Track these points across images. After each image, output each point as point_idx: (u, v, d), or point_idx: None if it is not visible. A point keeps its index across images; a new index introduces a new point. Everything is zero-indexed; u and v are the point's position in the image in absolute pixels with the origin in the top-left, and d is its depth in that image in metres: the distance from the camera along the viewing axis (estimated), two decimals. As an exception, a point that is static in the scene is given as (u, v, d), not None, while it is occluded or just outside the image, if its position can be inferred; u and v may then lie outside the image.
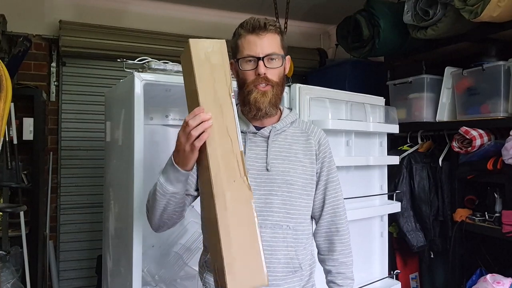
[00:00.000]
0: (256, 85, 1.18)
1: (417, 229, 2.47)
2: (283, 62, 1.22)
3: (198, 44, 1.02)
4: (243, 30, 1.20)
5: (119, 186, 1.90)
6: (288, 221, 1.19)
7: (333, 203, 1.29)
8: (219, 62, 1.03)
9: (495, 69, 2.16)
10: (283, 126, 1.26)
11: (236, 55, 1.22)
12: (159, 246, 2.23)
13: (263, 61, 1.17)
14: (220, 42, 1.04)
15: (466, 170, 2.27)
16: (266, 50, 1.17)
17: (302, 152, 1.25)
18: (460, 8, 2.03)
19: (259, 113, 1.20)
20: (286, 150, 1.24)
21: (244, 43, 1.19)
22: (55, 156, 3.09)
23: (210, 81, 1.01)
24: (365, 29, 2.58)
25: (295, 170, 1.22)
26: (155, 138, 2.24)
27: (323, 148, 1.29)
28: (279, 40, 1.21)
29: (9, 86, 1.50)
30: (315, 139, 1.28)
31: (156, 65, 1.71)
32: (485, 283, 1.97)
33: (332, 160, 1.31)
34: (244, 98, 1.22)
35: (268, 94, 1.19)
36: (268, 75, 1.18)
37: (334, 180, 1.30)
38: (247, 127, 1.25)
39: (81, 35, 2.96)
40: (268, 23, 1.18)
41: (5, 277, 2.36)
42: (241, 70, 1.20)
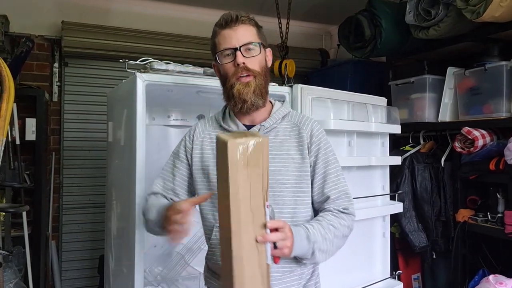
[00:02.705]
0: (238, 77, 1.17)
1: (419, 229, 2.46)
2: (261, 51, 1.20)
3: (237, 146, 0.93)
4: (217, 27, 1.21)
5: (121, 186, 1.90)
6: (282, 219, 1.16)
7: (334, 195, 1.21)
8: (258, 163, 0.96)
9: (497, 69, 2.16)
10: (273, 122, 1.23)
11: (215, 53, 1.22)
12: (161, 246, 2.23)
13: (240, 51, 1.16)
14: (261, 141, 0.96)
15: (469, 170, 2.27)
16: (241, 40, 1.17)
17: (294, 148, 1.21)
18: (462, 8, 2.03)
19: (245, 105, 1.17)
20: (277, 148, 1.20)
21: (220, 38, 1.19)
22: (58, 156, 3.10)
23: (245, 187, 0.94)
24: (366, 29, 2.58)
25: (287, 168, 1.19)
26: (157, 138, 2.24)
27: (316, 140, 1.22)
28: (255, 31, 1.21)
29: (12, 86, 1.50)
30: (307, 131, 1.23)
31: (158, 66, 1.71)
32: (487, 284, 1.96)
33: (329, 152, 1.24)
34: (228, 93, 1.20)
35: (251, 84, 1.17)
36: (248, 65, 1.16)
37: (333, 172, 1.22)
38: (236, 126, 1.24)
39: (84, 36, 2.97)
40: (240, 15, 1.18)
41: (8, 276, 2.36)
42: (221, 64, 1.20)
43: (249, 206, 0.95)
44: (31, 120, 2.74)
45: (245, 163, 0.94)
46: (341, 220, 1.18)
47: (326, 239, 1.12)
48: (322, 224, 1.14)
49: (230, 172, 0.93)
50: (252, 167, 0.95)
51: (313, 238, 1.09)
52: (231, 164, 0.93)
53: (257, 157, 0.95)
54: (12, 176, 2.58)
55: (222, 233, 1.02)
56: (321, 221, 1.15)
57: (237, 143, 0.93)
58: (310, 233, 1.09)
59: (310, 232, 1.09)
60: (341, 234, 1.17)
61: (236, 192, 0.93)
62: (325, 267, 1.36)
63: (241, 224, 0.94)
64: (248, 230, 0.95)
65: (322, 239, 1.11)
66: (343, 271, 2.02)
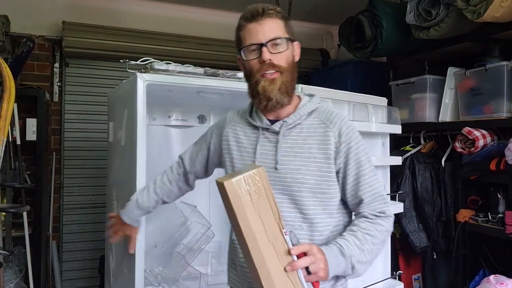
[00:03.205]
0: (263, 73, 1.11)
1: (420, 229, 2.46)
2: (288, 46, 1.14)
3: (234, 184, 0.93)
4: (243, 21, 1.15)
5: (122, 186, 1.90)
6: (301, 221, 1.12)
7: (369, 198, 1.13)
8: (261, 194, 0.95)
9: (498, 69, 2.16)
10: (297, 118, 1.16)
11: (240, 46, 1.17)
12: (162, 246, 2.23)
13: (267, 46, 1.11)
14: (257, 173, 0.95)
15: (469, 170, 2.26)
16: (268, 35, 1.11)
17: (317, 147, 1.14)
18: (462, 9, 2.02)
19: (270, 103, 1.12)
20: (299, 145, 1.15)
21: (245, 33, 1.14)
22: (58, 157, 3.10)
23: (257, 222, 0.93)
24: (367, 30, 2.58)
25: (307, 167, 1.13)
26: (158, 138, 2.24)
27: (346, 139, 1.14)
28: (282, 25, 1.15)
29: (12, 86, 1.50)
30: (335, 130, 1.15)
31: (159, 66, 1.71)
32: (488, 284, 1.96)
33: (360, 152, 1.15)
34: (252, 89, 1.15)
35: (276, 82, 1.11)
36: (274, 61, 1.11)
37: (366, 173, 1.14)
38: (260, 121, 1.20)
39: (84, 36, 2.97)
40: (267, 8, 1.13)
41: (8, 277, 2.36)
42: (246, 60, 1.15)
43: (267, 239, 0.93)
44: (32, 120, 2.75)
45: (248, 198, 0.93)
46: (377, 226, 1.12)
47: (363, 250, 1.07)
48: (357, 235, 1.08)
49: (237, 211, 0.92)
50: (256, 199, 0.94)
51: (348, 253, 1.04)
52: (234, 203, 0.92)
53: (258, 188, 0.94)
54: (12, 176, 2.58)
55: (250, 271, 1.00)
56: (356, 231, 1.09)
57: (233, 181, 0.93)
58: (344, 247, 1.04)
59: (344, 247, 1.04)
60: (379, 240, 1.12)
61: (249, 231, 0.92)
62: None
63: (265, 260, 0.92)
64: (274, 263, 0.92)
65: (360, 251, 1.06)
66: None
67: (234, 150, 1.24)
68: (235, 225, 0.96)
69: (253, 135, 1.22)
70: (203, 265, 2.28)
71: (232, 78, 1.87)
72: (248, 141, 1.22)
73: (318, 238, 1.13)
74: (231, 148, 1.25)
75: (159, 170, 1.46)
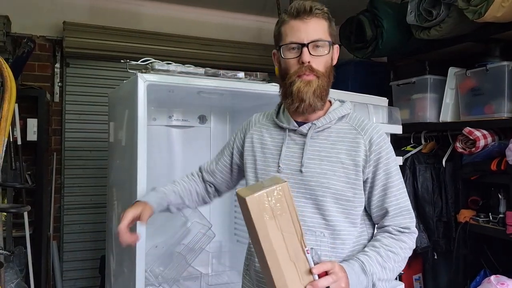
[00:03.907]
0: (300, 74, 1.08)
1: (420, 230, 2.46)
2: (330, 50, 1.10)
3: (256, 199, 0.89)
4: (287, 16, 1.10)
5: (123, 187, 1.90)
6: (323, 227, 1.08)
7: (394, 211, 1.10)
8: (284, 210, 0.90)
9: (499, 70, 2.16)
10: (326, 122, 1.13)
11: (279, 42, 1.12)
12: (162, 247, 2.23)
13: (308, 48, 1.06)
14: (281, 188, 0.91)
15: (470, 170, 2.26)
16: (311, 36, 1.07)
17: (345, 152, 1.10)
18: (463, 9, 2.02)
19: (302, 104, 1.08)
20: (327, 149, 1.11)
21: (288, 29, 1.09)
22: (59, 157, 3.10)
23: (278, 238, 0.89)
24: (368, 30, 2.58)
25: (333, 172, 1.09)
26: (158, 138, 2.25)
27: (377, 148, 1.10)
28: (327, 26, 1.11)
29: (13, 87, 1.50)
30: (366, 138, 1.10)
31: (160, 66, 1.71)
32: (489, 285, 1.96)
33: (391, 162, 1.12)
34: (286, 89, 1.11)
35: (312, 84, 1.07)
36: (313, 64, 1.07)
37: (395, 185, 1.10)
38: (288, 123, 1.16)
39: (85, 36, 2.97)
40: (315, 7, 1.08)
41: (9, 277, 2.37)
42: (283, 59, 1.10)
43: (288, 256, 0.89)
44: (33, 121, 2.75)
45: (271, 214, 0.89)
46: (401, 243, 1.08)
47: (385, 268, 1.03)
48: (380, 252, 1.05)
49: (258, 228, 0.89)
50: (279, 215, 0.90)
51: (370, 270, 1.00)
52: (256, 219, 0.88)
53: (281, 203, 0.90)
54: (13, 176, 2.58)
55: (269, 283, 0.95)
56: (378, 247, 1.06)
57: (256, 196, 0.88)
58: (366, 265, 1.00)
59: (366, 264, 1.00)
60: (402, 258, 1.08)
61: (270, 247, 0.89)
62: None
63: (285, 279, 0.88)
64: (295, 282, 0.89)
65: (381, 269, 1.02)
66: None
67: (258, 152, 1.21)
68: (255, 240, 0.92)
69: (279, 136, 1.18)
70: (204, 266, 2.28)
71: (232, 78, 1.87)
72: (273, 143, 1.19)
73: (341, 247, 1.10)
74: (255, 149, 1.22)
75: (160, 170, 1.46)
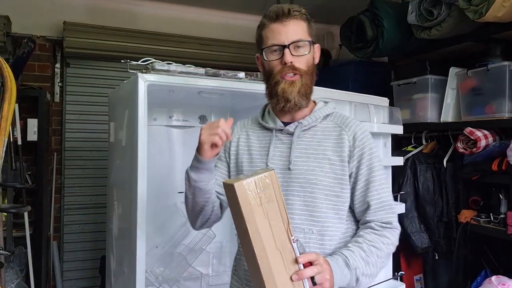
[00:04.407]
0: (283, 75, 1.12)
1: (421, 230, 2.45)
2: (311, 50, 1.14)
3: (244, 186, 0.90)
4: (267, 19, 1.14)
5: (123, 187, 1.90)
6: (312, 224, 1.10)
7: (376, 205, 1.13)
8: (271, 198, 0.92)
9: (500, 69, 2.15)
10: (312, 121, 1.17)
11: (261, 46, 1.16)
12: (163, 247, 2.23)
13: (289, 48, 1.11)
14: (269, 176, 0.93)
15: (471, 170, 2.26)
16: (291, 37, 1.11)
17: (331, 149, 1.14)
18: (464, 8, 2.02)
19: (288, 104, 1.13)
20: (313, 147, 1.14)
21: (268, 32, 1.13)
22: (59, 157, 3.10)
23: (265, 227, 0.90)
24: (368, 30, 2.57)
25: (321, 169, 1.12)
26: (159, 138, 2.24)
27: (360, 144, 1.14)
28: (306, 27, 1.15)
29: (14, 87, 1.50)
30: (350, 134, 1.15)
31: (160, 66, 1.71)
32: (490, 285, 1.95)
33: (373, 158, 1.15)
34: (271, 90, 1.15)
35: (296, 84, 1.12)
36: (295, 64, 1.11)
37: (377, 180, 1.14)
38: (274, 123, 1.20)
39: (85, 36, 2.97)
40: (293, 9, 1.12)
41: (9, 277, 2.37)
42: (266, 61, 1.14)
43: (274, 245, 0.90)
44: (33, 121, 2.75)
45: (258, 202, 0.90)
46: (383, 239, 1.10)
47: (368, 263, 1.05)
48: (363, 247, 1.06)
49: (245, 215, 0.89)
50: (266, 203, 0.91)
51: (353, 264, 1.02)
52: (243, 206, 0.89)
53: (269, 192, 0.92)
54: (13, 176, 2.58)
55: (254, 279, 0.96)
56: (361, 243, 1.08)
57: (244, 184, 0.89)
58: (349, 259, 1.02)
59: (349, 259, 1.02)
60: (385, 254, 1.10)
61: (256, 234, 0.89)
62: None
63: (271, 267, 0.89)
64: (280, 271, 0.90)
65: (365, 264, 1.04)
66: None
67: (244, 154, 1.23)
68: (242, 229, 0.92)
69: (265, 137, 1.21)
70: (204, 266, 2.28)
71: (233, 79, 1.87)
72: (260, 144, 1.21)
73: (328, 243, 1.11)
74: (242, 151, 1.24)
75: (160, 170, 1.46)
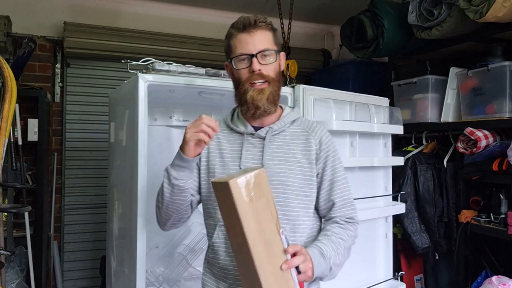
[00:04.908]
0: (252, 83, 1.18)
1: (421, 230, 2.45)
2: (277, 58, 1.21)
3: (238, 184, 0.94)
4: (234, 30, 1.20)
5: (123, 187, 1.90)
6: (285, 223, 1.16)
7: (340, 202, 1.23)
8: (262, 194, 0.98)
9: (500, 70, 2.15)
10: (281, 126, 1.24)
11: (230, 55, 1.22)
12: (163, 247, 2.23)
13: (257, 57, 1.17)
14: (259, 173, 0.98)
15: (471, 171, 2.26)
16: (258, 47, 1.17)
17: (300, 152, 1.23)
18: (465, 8, 2.02)
19: (258, 111, 1.19)
20: (284, 150, 1.22)
21: (236, 42, 1.19)
22: (59, 157, 3.10)
23: (257, 221, 0.95)
24: (369, 30, 2.57)
25: (291, 170, 1.20)
26: (159, 139, 2.24)
27: (325, 147, 1.24)
28: (271, 36, 1.21)
29: (14, 87, 1.50)
30: (316, 138, 1.24)
31: (160, 66, 1.71)
32: (490, 285, 1.96)
33: (337, 160, 1.26)
34: (240, 97, 1.21)
35: (265, 92, 1.18)
36: (263, 72, 1.18)
37: (340, 180, 1.24)
38: (245, 127, 1.25)
39: (86, 37, 2.97)
40: (259, 20, 1.18)
41: (10, 277, 2.37)
42: (236, 69, 1.21)
43: (265, 238, 0.95)
44: (33, 121, 2.75)
45: (250, 198, 0.94)
46: (347, 231, 1.20)
47: (338, 253, 1.14)
48: (332, 239, 1.15)
49: (240, 211, 0.93)
50: (257, 199, 0.96)
51: (327, 255, 1.10)
52: (238, 203, 0.93)
53: (259, 188, 0.96)
54: (14, 176, 2.58)
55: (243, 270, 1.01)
56: (330, 235, 1.17)
57: (238, 181, 0.93)
58: (323, 250, 1.10)
59: (324, 249, 1.10)
60: (349, 245, 1.20)
61: (250, 230, 0.93)
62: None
63: (264, 259, 0.94)
64: (272, 262, 0.95)
65: (335, 254, 1.13)
66: (346, 272, 2.01)
67: (216, 157, 1.26)
68: (234, 225, 0.96)
69: (236, 141, 1.26)
70: (205, 266, 2.27)
71: (233, 79, 1.87)
72: (232, 148, 1.26)
73: (299, 239, 1.19)
74: (212, 154, 1.27)
75: (160, 170, 1.45)
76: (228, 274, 1.19)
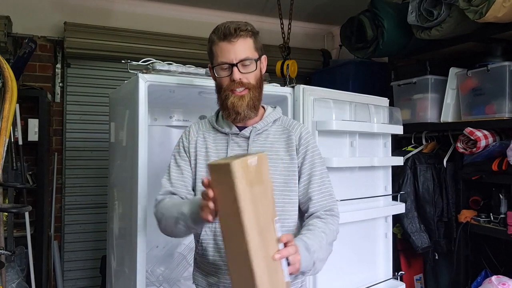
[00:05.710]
0: (233, 89, 1.21)
1: (421, 230, 2.46)
2: (257, 66, 1.24)
3: (240, 166, 0.89)
4: (216, 37, 1.23)
5: (123, 187, 1.90)
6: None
7: (318, 195, 1.24)
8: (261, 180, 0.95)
9: (500, 70, 2.15)
10: (264, 125, 1.28)
11: (212, 61, 1.27)
12: (163, 247, 2.24)
13: (237, 67, 1.20)
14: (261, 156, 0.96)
15: (471, 170, 2.26)
16: (239, 56, 1.20)
17: (283, 149, 1.27)
18: (464, 9, 2.02)
19: (238, 116, 1.23)
20: (267, 149, 1.26)
21: (218, 50, 1.22)
22: (60, 157, 3.11)
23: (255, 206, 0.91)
24: (369, 30, 2.58)
25: (276, 167, 1.24)
26: (159, 138, 2.25)
27: (304, 142, 1.28)
28: (252, 43, 1.23)
29: (14, 87, 1.51)
30: (296, 134, 1.29)
31: (160, 66, 1.71)
32: (490, 285, 1.96)
33: (316, 154, 1.28)
34: (222, 102, 1.25)
35: (245, 98, 1.22)
36: (243, 80, 1.21)
37: (318, 174, 1.26)
38: (229, 128, 1.29)
39: (86, 37, 2.98)
40: (239, 29, 1.20)
41: (10, 277, 2.37)
42: (217, 77, 1.25)
43: (260, 224, 0.92)
44: (34, 121, 2.75)
45: (249, 182, 0.91)
46: (329, 225, 1.20)
47: (321, 248, 1.13)
48: (315, 233, 1.15)
49: (239, 193, 0.88)
50: (256, 184, 0.92)
51: (312, 248, 1.08)
52: (238, 185, 0.88)
53: (259, 173, 0.94)
54: (14, 176, 2.59)
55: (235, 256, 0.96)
56: (313, 230, 1.16)
57: (239, 163, 0.89)
58: (308, 244, 1.08)
59: (308, 243, 1.08)
60: (331, 240, 1.20)
61: (248, 214, 0.90)
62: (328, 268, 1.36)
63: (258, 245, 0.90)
64: (265, 250, 0.91)
65: (319, 248, 1.11)
66: (345, 271, 2.02)
67: (201, 155, 1.29)
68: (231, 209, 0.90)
69: (221, 140, 1.30)
70: (205, 266, 2.28)
71: (233, 79, 1.87)
72: (217, 147, 1.29)
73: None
74: (198, 153, 1.29)
75: (160, 170, 1.46)
76: (217, 269, 1.22)
